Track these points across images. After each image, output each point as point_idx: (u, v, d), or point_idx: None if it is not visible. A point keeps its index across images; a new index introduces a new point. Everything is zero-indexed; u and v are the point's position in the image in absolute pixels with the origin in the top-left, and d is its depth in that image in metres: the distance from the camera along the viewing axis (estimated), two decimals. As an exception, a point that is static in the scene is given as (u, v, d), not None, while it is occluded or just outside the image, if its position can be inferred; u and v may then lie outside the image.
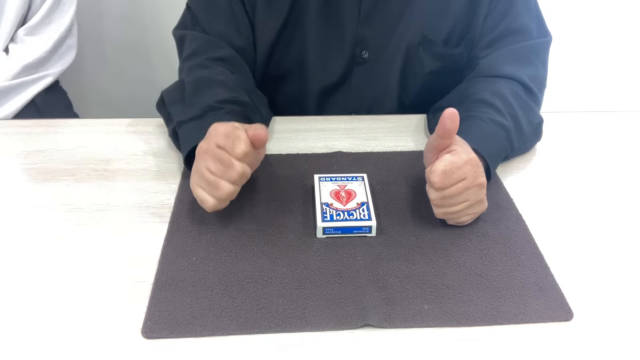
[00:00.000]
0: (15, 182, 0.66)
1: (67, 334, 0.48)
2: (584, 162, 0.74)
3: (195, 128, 0.64)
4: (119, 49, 1.47)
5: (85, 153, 0.72)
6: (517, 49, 0.76)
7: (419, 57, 0.81)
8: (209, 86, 0.71)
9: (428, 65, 0.82)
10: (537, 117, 0.73)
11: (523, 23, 0.76)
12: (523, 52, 0.76)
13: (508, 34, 0.77)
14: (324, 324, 0.49)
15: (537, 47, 0.77)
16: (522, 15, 0.77)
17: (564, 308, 0.51)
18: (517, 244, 0.58)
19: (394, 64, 0.82)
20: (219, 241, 0.57)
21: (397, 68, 0.82)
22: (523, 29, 0.77)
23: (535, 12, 0.78)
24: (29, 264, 0.54)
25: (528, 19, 0.77)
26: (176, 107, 0.70)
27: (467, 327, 0.49)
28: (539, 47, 0.77)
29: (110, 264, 0.55)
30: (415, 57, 0.81)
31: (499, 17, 0.77)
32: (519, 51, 0.76)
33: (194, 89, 0.71)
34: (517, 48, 0.76)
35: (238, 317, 0.49)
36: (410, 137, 0.77)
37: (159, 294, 0.51)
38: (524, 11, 0.77)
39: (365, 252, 0.57)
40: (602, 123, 0.84)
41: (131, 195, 0.64)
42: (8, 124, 0.78)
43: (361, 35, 0.79)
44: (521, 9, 0.77)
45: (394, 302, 0.51)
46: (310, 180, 0.66)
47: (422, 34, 0.79)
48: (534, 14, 0.78)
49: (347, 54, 0.81)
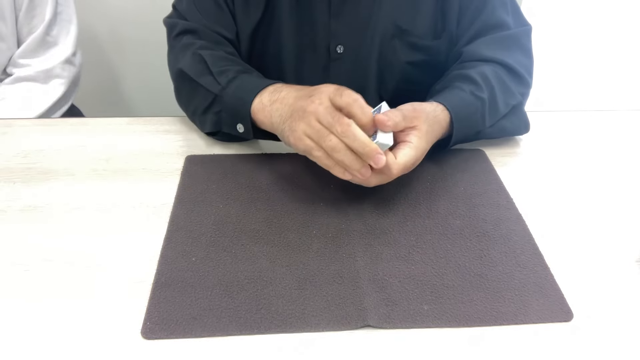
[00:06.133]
0: (15, 182, 0.66)
1: (67, 334, 0.47)
2: (584, 162, 0.74)
3: (250, 79, 0.68)
4: (118, 48, 1.47)
5: (85, 153, 0.72)
6: (498, 37, 0.77)
7: (395, 48, 0.81)
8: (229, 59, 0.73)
9: (405, 56, 0.82)
10: (516, 98, 0.74)
11: (499, 17, 0.78)
12: (505, 40, 0.77)
13: (486, 30, 0.78)
14: (324, 325, 0.49)
15: (517, 35, 0.78)
16: (497, 9, 0.78)
17: (564, 308, 0.51)
18: (517, 244, 0.58)
19: (370, 57, 0.82)
20: (218, 241, 0.57)
21: (374, 61, 0.82)
22: (500, 23, 0.78)
23: (510, 5, 0.79)
24: (28, 264, 0.54)
25: (504, 12, 0.78)
26: (206, 78, 0.70)
27: (467, 327, 0.49)
28: (520, 35, 0.78)
29: (110, 264, 0.55)
30: (391, 49, 0.81)
31: (475, 15, 0.78)
32: (500, 39, 0.77)
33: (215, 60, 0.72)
34: (499, 37, 0.77)
35: (238, 317, 0.49)
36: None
37: (158, 294, 0.51)
38: (498, 5, 0.78)
39: (365, 252, 0.57)
40: (602, 122, 0.84)
41: (131, 195, 0.64)
42: (8, 123, 0.78)
43: (334, 29, 0.79)
44: (496, 3, 0.78)
45: (394, 303, 0.51)
46: (310, 180, 0.66)
47: (395, 24, 0.79)
48: (509, 7, 0.79)
49: (323, 50, 0.81)
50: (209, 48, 0.75)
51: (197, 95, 0.72)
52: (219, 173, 0.68)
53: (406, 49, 0.81)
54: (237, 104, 0.67)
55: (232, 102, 0.68)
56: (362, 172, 0.56)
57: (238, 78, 0.69)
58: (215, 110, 0.70)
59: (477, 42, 0.77)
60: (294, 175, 0.68)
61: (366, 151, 0.55)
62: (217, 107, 0.69)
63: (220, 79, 0.69)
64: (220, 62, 0.72)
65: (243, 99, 0.66)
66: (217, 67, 0.71)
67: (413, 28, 0.80)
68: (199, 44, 0.75)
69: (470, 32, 0.78)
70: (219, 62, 0.72)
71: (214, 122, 0.71)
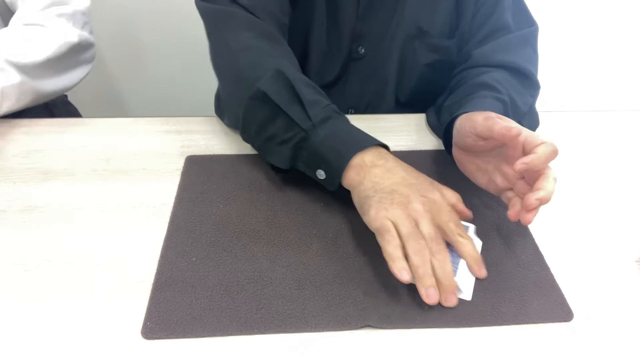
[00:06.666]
0: (15, 182, 0.66)
1: (67, 334, 0.48)
2: (584, 162, 0.74)
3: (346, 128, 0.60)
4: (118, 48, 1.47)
5: (85, 153, 0.72)
6: (508, 40, 0.77)
7: (415, 50, 0.82)
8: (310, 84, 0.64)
9: (424, 58, 0.82)
10: (528, 99, 0.74)
11: (505, 20, 0.78)
12: (514, 43, 0.77)
13: (497, 30, 0.78)
14: (324, 325, 0.49)
15: (526, 37, 0.78)
16: (505, 12, 0.78)
17: (564, 308, 0.51)
18: (517, 244, 0.58)
19: (390, 58, 0.82)
20: (218, 241, 0.57)
21: (394, 62, 0.83)
22: (505, 26, 0.78)
23: (516, 7, 0.79)
24: (28, 264, 0.54)
25: (509, 15, 0.78)
26: (295, 108, 0.60)
27: (467, 327, 0.49)
28: (528, 37, 0.79)
29: (110, 264, 0.55)
30: (411, 50, 0.82)
31: (486, 15, 0.79)
32: (510, 42, 0.77)
33: (301, 84, 0.62)
34: (508, 40, 0.77)
35: (238, 317, 0.49)
36: (410, 137, 0.77)
37: (158, 294, 0.51)
38: (509, 6, 0.78)
39: (365, 252, 0.56)
40: (602, 122, 0.84)
41: (131, 195, 0.64)
42: (8, 123, 0.78)
43: (358, 31, 0.80)
44: (506, 4, 0.78)
45: (394, 303, 0.51)
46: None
47: (417, 26, 0.80)
48: (514, 9, 0.79)
49: (344, 51, 0.82)
50: (268, 36, 0.68)
51: (277, 122, 0.61)
52: (219, 173, 0.68)
53: (425, 50, 0.82)
54: (330, 153, 0.58)
55: (322, 149, 0.58)
56: (429, 294, 0.49)
57: (332, 120, 0.60)
58: (295, 144, 0.60)
59: (486, 46, 0.77)
60: (294, 175, 0.68)
61: (446, 284, 0.50)
62: (301, 143, 0.60)
63: (312, 113, 0.59)
64: (307, 89, 0.62)
65: (340, 153, 0.57)
66: (307, 94, 0.61)
67: (432, 28, 0.80)
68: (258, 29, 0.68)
69: (481, 32, 0.79)
70: (306, 89, 0.62)
71: (289, 156, 0.62)
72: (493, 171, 0.58)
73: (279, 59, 0.66)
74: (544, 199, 0.50)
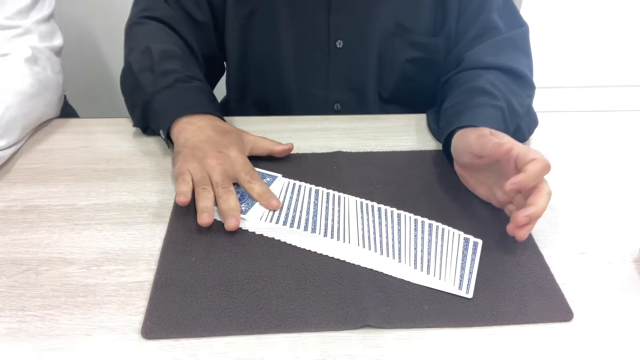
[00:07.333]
0: (15, 182, 0.66)
1: (67, 334, 0.48)
2: (583, 162, 0.74)
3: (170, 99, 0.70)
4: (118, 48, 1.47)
5: (85, 153, 0.72)
6: (498, 41, 0.77)
7: (394, 46, 0.82)
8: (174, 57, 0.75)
9: (405, 54, 0.82)
10: (525, 100, 0.74)
11: (493, 21, 0.78)
12: (505, 43, 0.77)
13: (486, 32, 0.78)
14: (324, 325, 0.49)
15: (516, 37, 0.78)
16: (495, 11, 0.78)
17: (564, 308, 0.51)
18: (517, 244, 0.58)
19: (370, 53, 0.82)
20: (218, 241, 0.57)
21: (374, 57, 0.83)
22: (494, 27, 0.78)
23: (504, 8, 0.79)
24: (28, 264, 0.54)
25: (497, 16, 0.78)
26: (145, 75, 0.72)
27: (467, 327, 0.49)
28: (519, 37, 0.78)
29: (110, 264, 0.55)
30: (390, 46, 0.82)
31: (474, 16, 0.78)
32: (500, 43, 0.77)
33: (165, 58, 0.73)
34: (499, 41, 0.77)
35: (238, 317, 0.49)
36: (410, 137, 0.77)
37: (158, 294, 0.51)
38: (496, 7, 0.78)
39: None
40: (602, 122, 0.84)
41: (131, 195, 0.64)
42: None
43: (333, 24, 0.80)
44: (494, 5, 0.78)
45: (394, 303, 0.51)
46: (310, 180, 0.66)
47: (396, 22, 0.80)
48: (502, 10, 0.79)
49: (322, 45, 0.81)
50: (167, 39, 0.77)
51: (135, 89, 0.74)
52: (219, 173, 0.68)
53: (406, 46, 0.81)
54: (163, 114, 0.69)
55: (160, 111, 0.69)
56: (202, 217, 0.57)
57: (174, 88, 0.70)
58: (142, 106, 0.72)
59: (478, 48, 0.77)
60: (293, 174, 0.68)
61: (227, 213, 0.58)
62: (147, 106, 0.71)
63: (159, 81, 0.71)
64: (168, 62, 0.73)
65: (170, 114, 0.68)
66: (163, 66, 0.72)
67: (414, 25, 0.80)
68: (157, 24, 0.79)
69: (470, 34, 0.79)
70: (166, 62, 0.73)
71: (140, 117, 0.73)
72: (493, 186, 0.61)
73: (162, 42, 0.76)
74: (534, 215, 0.52)
